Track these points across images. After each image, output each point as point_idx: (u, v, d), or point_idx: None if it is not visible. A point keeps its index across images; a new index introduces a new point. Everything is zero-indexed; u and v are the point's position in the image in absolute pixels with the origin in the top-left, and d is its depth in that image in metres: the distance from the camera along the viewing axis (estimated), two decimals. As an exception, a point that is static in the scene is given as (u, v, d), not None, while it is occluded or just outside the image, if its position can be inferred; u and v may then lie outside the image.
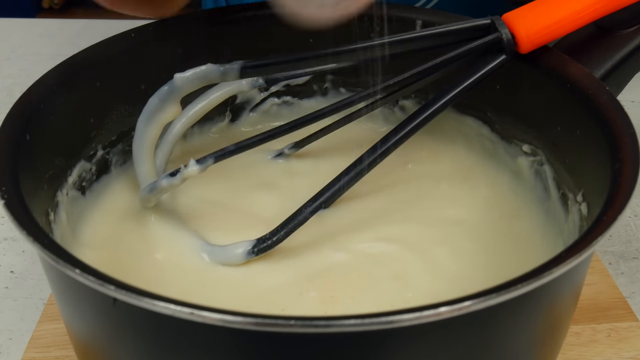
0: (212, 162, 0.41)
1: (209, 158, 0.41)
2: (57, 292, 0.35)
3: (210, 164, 0.41)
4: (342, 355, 0.29)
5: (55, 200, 0.41)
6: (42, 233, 0.32)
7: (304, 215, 0.42)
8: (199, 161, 0.41)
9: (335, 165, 0.45)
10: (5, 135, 0.37)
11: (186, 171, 0.41)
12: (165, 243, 0.43)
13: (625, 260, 0.53)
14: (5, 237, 0.55)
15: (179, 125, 0.48)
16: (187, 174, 0.41)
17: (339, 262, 0.42)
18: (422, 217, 0.45)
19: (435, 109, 0.43)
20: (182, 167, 0.41)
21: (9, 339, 0.46)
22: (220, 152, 0.41)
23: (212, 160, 0.41)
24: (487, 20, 0.44)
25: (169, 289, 0.37)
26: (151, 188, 0.43)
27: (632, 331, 0.46)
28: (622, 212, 0.32)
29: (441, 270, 0.41)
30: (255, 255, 0.41)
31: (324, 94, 0.54)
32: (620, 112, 0.38)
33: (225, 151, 0.41)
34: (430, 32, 0.44)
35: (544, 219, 0.45)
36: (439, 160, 0.51)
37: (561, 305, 0.34)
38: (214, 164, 0.41)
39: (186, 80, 0.44)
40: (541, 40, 0.43)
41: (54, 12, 2.21)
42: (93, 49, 0.45)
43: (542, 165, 0.46)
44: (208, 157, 0.41)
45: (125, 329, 0.31)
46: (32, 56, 0.81)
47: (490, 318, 0.30)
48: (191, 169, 0.41)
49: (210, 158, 0.41)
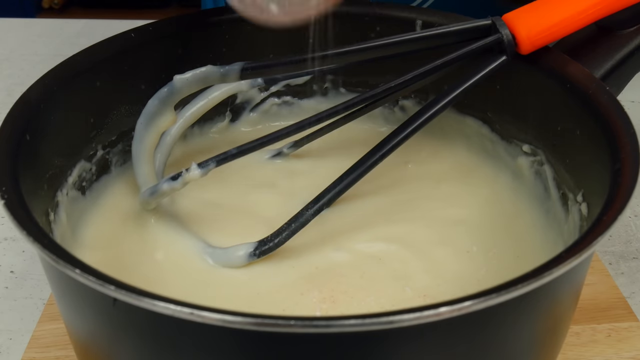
0: (214, 166, 0.41)
1: (211, 162, 0.41)
2: (57, 292, 0.35)
3: (212, 168, 0.41)
4: (342, 355, 0.29)
5: (55, 200, 0.41)
6: (42, 233, 0.32)
7: (306, 218, 0.42)
8: (200, 165, 0.41)
9: (335, 165, 0.45)
10: (5, 135, 0.37)
11: (188, 175, 0.41)
12: (165, 244, 0.43)
13: (625, 260, 0.53)
14: (6, 237, 0.55)
15: (177, 126, 0.48)
16: (189, 178, 0.41)
17: (340, 262, 0.42)
18: (423, 217, 0.45)
19: (436, 111, 0.43)
20: (184, 171, 0.41)
21: (9, 339, 0.46)
22: (222, 156, 0.41)
23: (213, 164, 0.41)
24: (487, 21, 0.44)
25: (169, 289, 0.37)
26: (152, 191, 0.43)
27: (632, 331, 0.46)
28: (622, 212, 0.32)
29: (441, 270, 0.41)
30: (257, 257, 0.41)
31: (324, 94, 0.54)
32: (620, 112, 0.38)
33: (227, 155, 0.41)
34: (430, 33, 0.44)
35: (544, 219, 0.45)
36: (439, 160, 0.51)
37: (561, 305, 0.34)
38: (215, 167, 0.41)
39: (186, 82, 0.44)
40: (542, 41, 0.43)
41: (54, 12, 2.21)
42: (93, 49, 0.45)
43: (542, 165, 0.46)
44: (210, 161, 0.41)
45: (125, 329, 0.31)
46: (32, 56, 0.81)
47: (490, 318, 0.30)
48: (193, 173, 0.41)
49: (212, 162, 0.41)
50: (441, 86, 0.46)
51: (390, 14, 0.50)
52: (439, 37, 0.44)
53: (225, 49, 0.49)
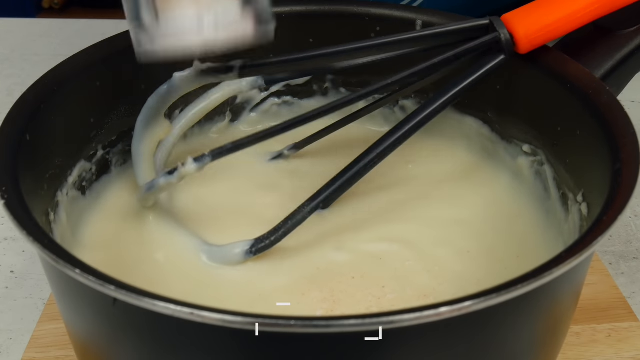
0: (210, 161, 0.41)
1: (207, 156, 0.41)
2: (57, 292, 0.35)
3: (207, 162, 0.41)
4: (342, 355, 0.29)
5: (55, 200, 0.41)
6: (42, 233, 0.32)
7: (302, 215, 0.42)
8: (196, 159, 0.41)
9: (335, 165, 0.45)
10: (5, 135, 0.37)
11: (184, 169, 0.41)
12: (165, 244, 0.43)
13: (626, 260, 0.53)
14: (6, 237, 0.55)
15: (178, 126, 0.47)
16: (185, 172, 0.41)
17: (340, 262, 0.42)
18: (423, 217, 0.45)
19: (434, 110, 0.43)
20: (180, 166, 0.41)
21: (9, 339, 0.46)
22: (218, 151, 0.41)
23: (209, 159, 0.41)
24: (485, 20, 0.44)
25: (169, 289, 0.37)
26: (149, 187, 0.43)
27: (633, 331, 0.46)
28: (622, 212, 0.32)
29: (441, 270, 0.41)
30: (254, 254, 0.41)
31: (324, 94, 0.54)
32: (620, 112, 0.38)
33: (222, 149, 0.41)
34: (429, 33, 0.44)
35: (544, 219, 0.45)
36: (439, 160, 0.51)
37: (561, 305, 0.34)
38: (211, 162, 0.41)
39: (185, 79, 0.44)
40: (540, 40, 0.43)
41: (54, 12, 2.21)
42: (93, 49, 0.45)
43: (542, 165, 0.46)
44: (205, 156, 0.41)
45: (125, 329, 0.31)
46: (32, 56, 0.81)
47: (490, 318, 0.30)
48: (189, 167, 0.41)
49: (208, 156, 0.41)
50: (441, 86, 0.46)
51: (390, 14, 0.50)
52: (438, 36, 0.44)
53: (225, 49, 0.49)
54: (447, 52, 0.43)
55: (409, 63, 0.44)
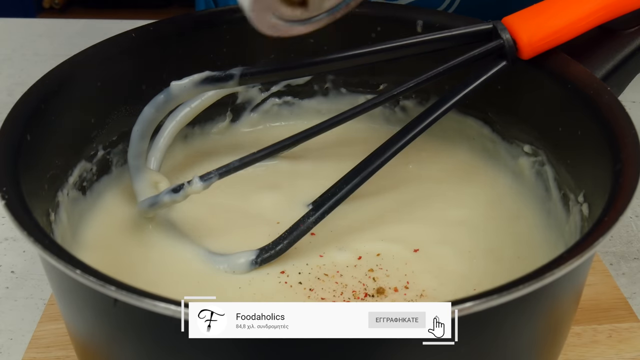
0: (216, 179, 0.41)
1: (213, 175, 0.41)
2: (57, 293, 0.35)
3: (214, 180, 0.41)
4: (342, 355, 0.29)
5: (55, 200, 0.41)
6: (43, 233, 0.32)
7: (307, 225, 0.42)
8: (202, 178, 0.41)
9: (337, 165, 0.45)
10: (6, 135, 0.37)
11: (190, 188, 0.41)
12: (166, 245, 0.43)
13: (627, 261, 0.53)
14: (6, 237, 0.55)
15: (171, 127, 0.47)
16: (191, 191, 0.41)
17: (342, 261, 0.42)
18: (424, 217, 0.45)
19: (435, 117, 0.43)
20: (186, 184, 0.41)
21: (10, 339, 0.46)
22: (225, 169, 0.41)
23: (216, 178, 0.41)
24: (488, 25, 0.44)
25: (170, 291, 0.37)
26: (152, 202, 0.43)
27: (633, 332, 0.46)
28: (623, 213, 0.32)
29: (443, 271, 0.41)
30: (259, 265, 0.41)
31: (324, 94, 0.54)
32: (621, 113, 0.38)
33: (229, 167, 0.41)
34: (431, 37, 0.44)
35: (545, 220, 0.45)
36: (440, 161, 0.51)
37: (562, 306, 0.34)
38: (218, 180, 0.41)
39: (183, 88, 0.43)
40: (544, 47, 0.43)
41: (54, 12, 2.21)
42: (93, 49, 0.45)
43: (543, 166, 0.46)
44: (212, 174, 0.41)
45: (125, 329, 0.31)
46: (33, 56, 0.81)
47: (491, 319, 0.30)
48: (195, 186, 0.41)
49: (215, 175, 0.41)
50: (442, 86, 0.46)
51: (391, 14, 0.50)
52: (440, 41, 0.44)
53: (225, 49, 0.49)
54: (450, 55, 0.43)
55: (411, 64, 0.44)
